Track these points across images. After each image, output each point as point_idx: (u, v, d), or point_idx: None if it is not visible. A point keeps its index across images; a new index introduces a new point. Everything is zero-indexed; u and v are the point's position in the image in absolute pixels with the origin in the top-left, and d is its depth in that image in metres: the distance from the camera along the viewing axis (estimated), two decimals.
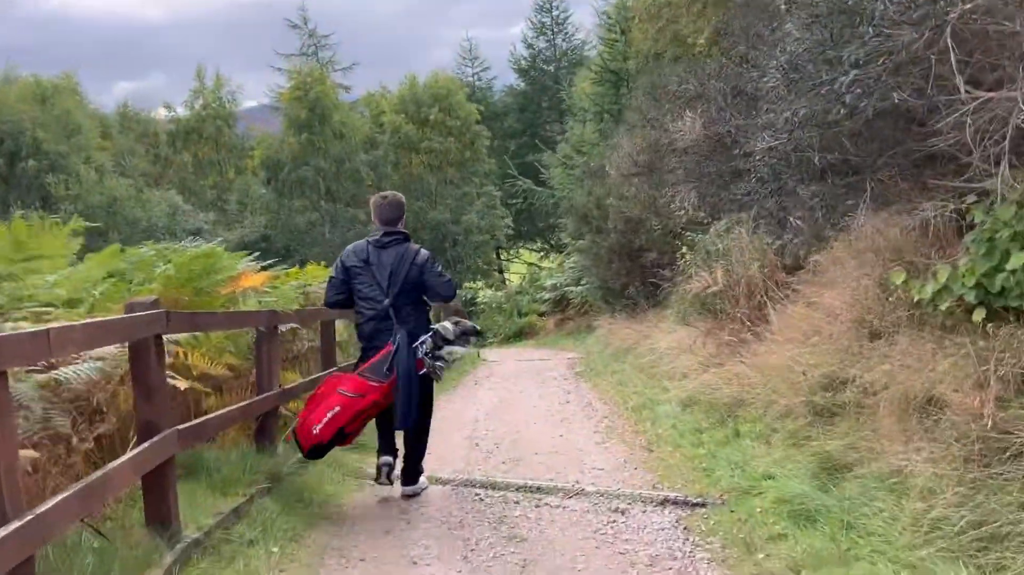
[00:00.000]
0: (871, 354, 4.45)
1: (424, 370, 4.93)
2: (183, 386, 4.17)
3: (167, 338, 4.40)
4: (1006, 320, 3.70)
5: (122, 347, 3.73)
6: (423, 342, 4.92)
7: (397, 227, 5.05)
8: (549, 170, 18.28)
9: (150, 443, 3.33)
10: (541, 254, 39.07)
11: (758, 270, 6.65)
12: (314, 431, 4.69)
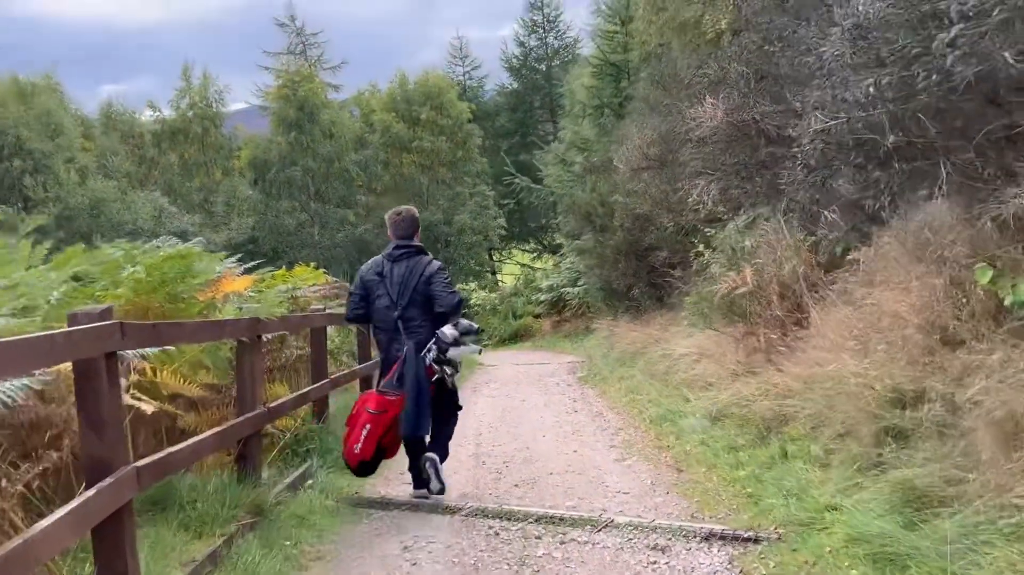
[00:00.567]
0: (951, 365, 3.84)
1: (436, 376, 5.03)
2: (150, 410, 3.52)
3: (131, 353, 3.76)
4: None
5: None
6: (428, 349, 4.99)
7: (411, 241, 5.17)
8: (546, 168, 17.63)
9: (99, 488, 2.68)
10: (534, 255, 38.51)
11: (793, 269, 6.03)
12: (355, 450, 4.88)
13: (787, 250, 6.31)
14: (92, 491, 2.68)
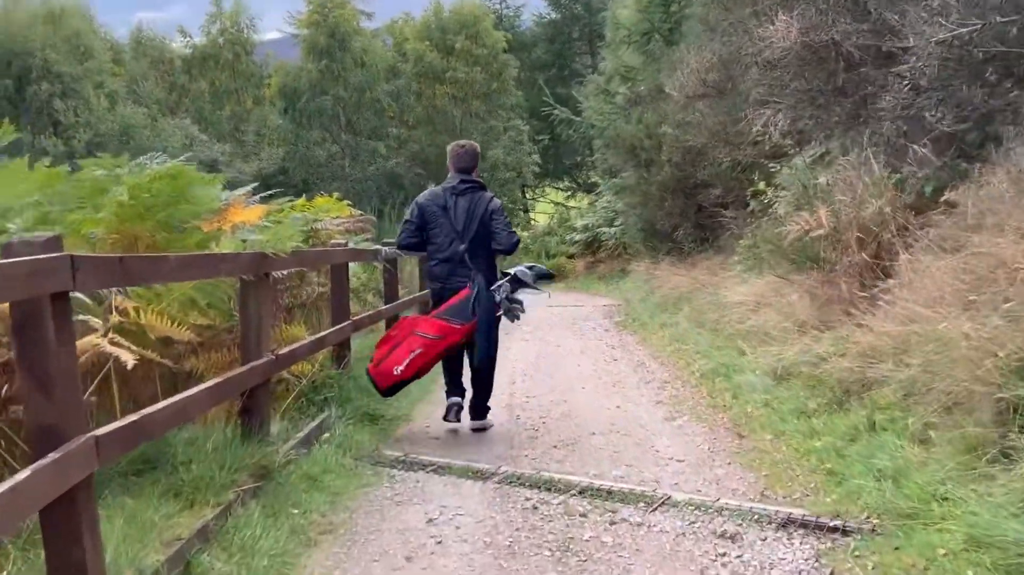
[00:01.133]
0: None
1: (500, 312, 5.16)
2: (129, 361, 2.94)
3: (112, 292, 3.18)
4: None
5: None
6: (500, 286, 5.15)
7: (472, 175, 5.19)
8: (586, 100, 16.66)
9: (45, 462, 2.11)
10: (568, 194, 37.57)
11: (879, 210, 5.27)
12: (396, 371, 4.91)
13: (870, 189, 5.53)
14: (38, 464, 2.11)
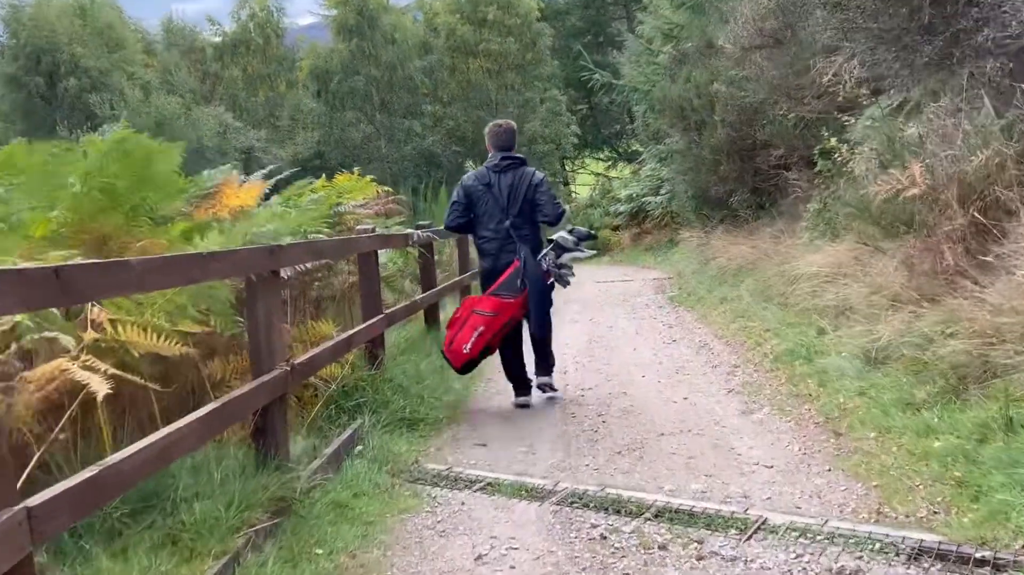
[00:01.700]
0: None
1: (551, 280, 5.30)
2: (100, 390, 2.37)
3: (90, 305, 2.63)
4: None
5: None
6: (545, 255, 5.30)
7: (512, 152, 5.28)
8: (629, 63, 15.78)
9: None
10: (608, 163, 36.66)
11: (985, 162, 4.49)
12: (464, 350, 5.14)
13: (972, 138, 4.74)
14: None
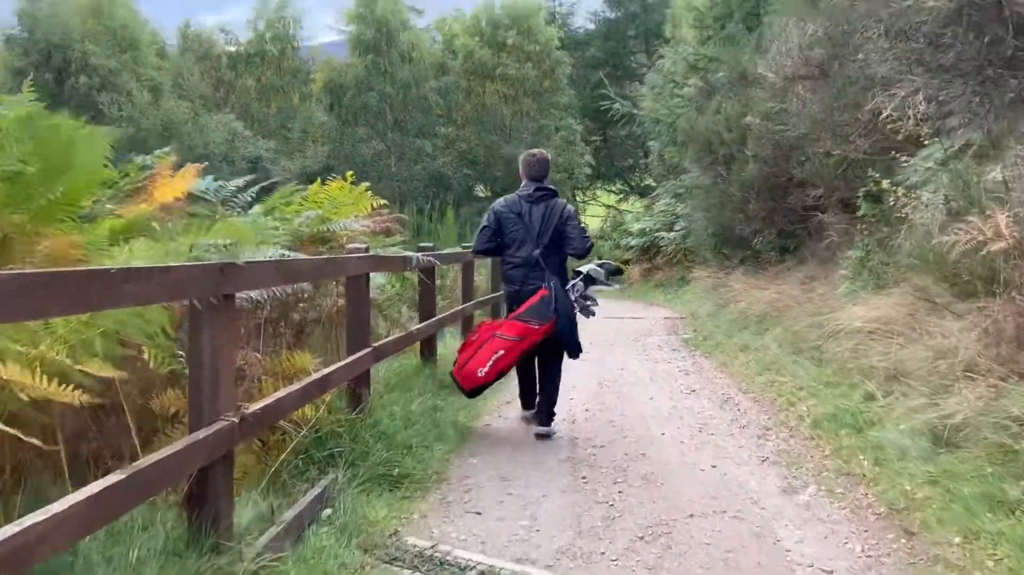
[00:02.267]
0: None
1: (576, 310, 5.37)
2: None
3: None
4: None
5: None
6: (574, 285, 5.41)
7: (544, 183, 5.39)
8: (649, 95, 15.23)
9: None
10: (620, 196, 36.20)
11: None
12: (479, 374, 5.16)
13: None
14: None
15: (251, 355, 4.23)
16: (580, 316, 5.53)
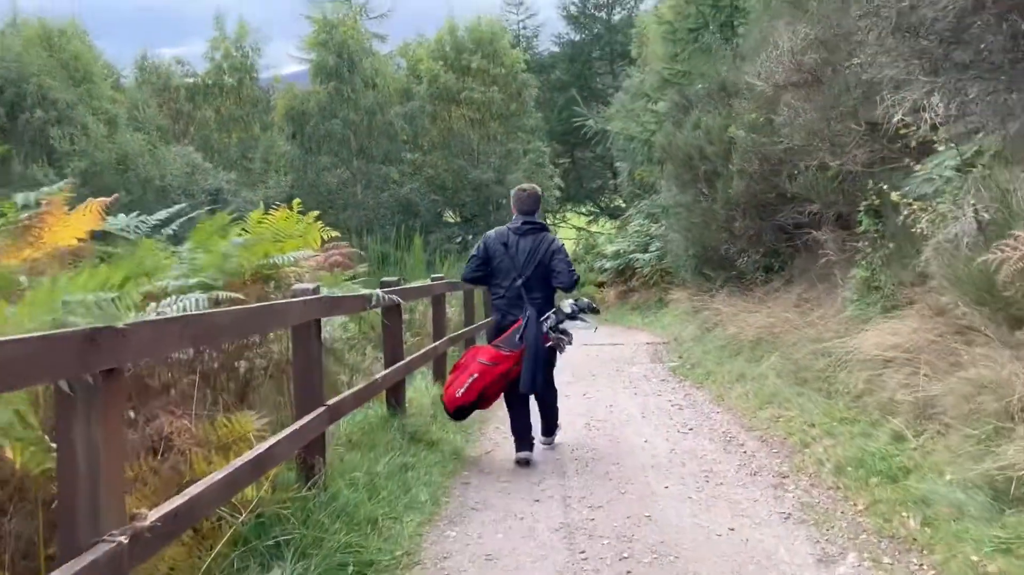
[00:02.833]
0: None
1: (549, 343, 5.36)
2: None
3: None
4: None
5: None
6: (547, 318, 5.37)
7: (534, 217, 5.55)
8: (625, 108, 14.73)
9: None
10: (590, 218, 35.84)
11: None
12: (458, 394, 5.30)
13: None
14: None
15: (178, 422, 3.51)
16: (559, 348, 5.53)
